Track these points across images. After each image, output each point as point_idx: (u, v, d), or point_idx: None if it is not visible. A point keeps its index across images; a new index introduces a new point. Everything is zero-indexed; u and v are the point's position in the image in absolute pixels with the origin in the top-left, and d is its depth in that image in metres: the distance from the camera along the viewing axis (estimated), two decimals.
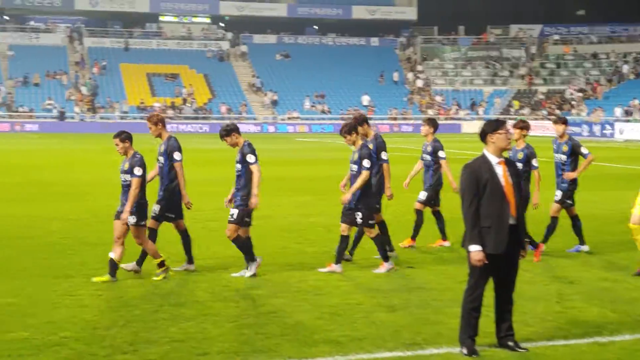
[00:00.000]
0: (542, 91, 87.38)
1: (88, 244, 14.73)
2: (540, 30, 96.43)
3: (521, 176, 9.30)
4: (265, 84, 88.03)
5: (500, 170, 9.01)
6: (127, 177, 12.54)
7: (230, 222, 12.95)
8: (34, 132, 74.17)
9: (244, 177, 13.05)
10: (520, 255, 9.14)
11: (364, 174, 13.18)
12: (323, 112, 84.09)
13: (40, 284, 12.34)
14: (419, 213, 15.92)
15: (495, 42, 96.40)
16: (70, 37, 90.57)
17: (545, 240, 15.08)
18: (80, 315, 10.56)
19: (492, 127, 9.12)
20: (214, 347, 9.20)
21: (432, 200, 15.96)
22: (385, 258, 13.49)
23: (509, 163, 9.15)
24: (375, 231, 13.55)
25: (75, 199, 23.15)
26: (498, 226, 8.86)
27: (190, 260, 13.57)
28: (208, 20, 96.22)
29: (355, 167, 13.38)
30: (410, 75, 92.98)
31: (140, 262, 13.25)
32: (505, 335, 9.15)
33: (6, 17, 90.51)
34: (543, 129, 71.04)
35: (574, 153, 15.25)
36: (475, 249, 8.80)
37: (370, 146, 13.88)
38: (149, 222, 13.15)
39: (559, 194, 15.15)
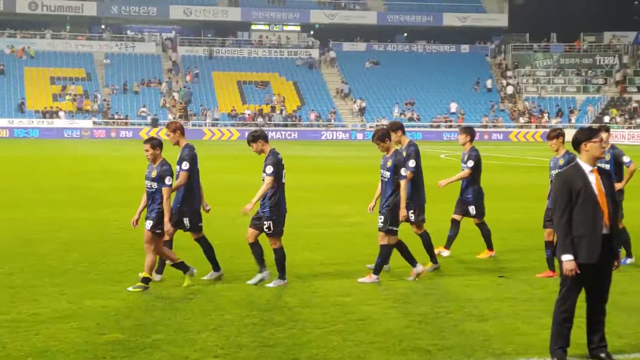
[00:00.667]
0: (636, 99, 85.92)
1: (179, 248, 14.85)
2: (635, 38, 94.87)
3: (614, 186, 9.14)
4: (353, 90, 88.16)
5: (593, 179, 8.87)
6: (154, 184, 12.54)
7: (269, 235, 12.81)
8: (128, 138, 75.44)
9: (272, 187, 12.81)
10: (614, 266, 9.01)
11: (403, 182, 13.06)
12: (412, 119, 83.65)
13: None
14: (481, 225, 15.67)
15: (588, 50, 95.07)
16: (164, 45, 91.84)
17: (629, 254, 14.81)
18: (173, 318, 10.71)
19: (586, 135, 8.99)
20: (302, 352, 9.24)
21: (482, 211, 15.62)
22: (378, 271, 13.24)
23: (602, 172, 9.02)
24: (387, 240, 13.32)
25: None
26: (591, 235, 8.73)
27: (160, 270, 13.44)
28: (298, 29, 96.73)
29: (387, 174, 13.17)
30: (502, 82, 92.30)
31: (216, 268, 13.31)
32: (597, 346, 9.01)
33: (104, 28, 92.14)
34: (630, 137, 70.48)
35: (617, 162, 14.72)
36: (567, 258, 8.68)
37: (404, 154, 13.74)
38: (194, 235, 13.25)
39: None
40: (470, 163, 15.23)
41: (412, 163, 13.85)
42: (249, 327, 10.33)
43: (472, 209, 15.39)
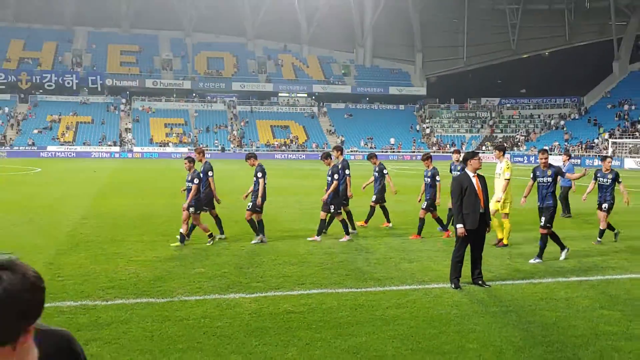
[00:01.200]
0: (500, 136, 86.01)
1: (236, 220, 14.82)
2: (499, 101, 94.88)
3: (486, 184, 9.18)
4: (337, 131, 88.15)
5: (475, 181, 8.95)
6: (189, 184, 12.25)
7: (248, 209, 12.63)
8: (208, 159, 75.33)
9: (256, 185, 12.64)
10: (486, 231, 9.06)
11: (334, 183, 12.85)
12: (371, 147, 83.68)
13: (200, 243, 12.51)
14: (381, 207, 15.30)
15: (472, 108, 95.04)
16: (229, 105, 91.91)
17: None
18: (233, 261, 10.70)
19: (470, 155, 9.12)
20: (307, 280, 9.24)
21: (381, 200, 15.12)
22: (347, 233, 13.03)
23: (480, 177, 9.08)
24: (342, 216, 13.13)
25: (234, 195, 23.38)
26: (473, 213, 8.81)
27: (221, 232, 13.09)
28: (305, 95, 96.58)
29: (329, 179, 13.00)
30: (423, 127, 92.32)
31: (221, 231, 13.05)
32: (476, 277, 9.06)
33: (194, 95, 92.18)
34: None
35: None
36: (460, 226, 8.81)
37: (340, 165, 13.41)
38: (213, 213, 13.07)
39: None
40: (386, 171, 14.86)
41: (347, 171, 13.54)
42: (276, 266, 10.33)
43: (374, 198, 15.07)
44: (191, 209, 12.14)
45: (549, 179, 11.13)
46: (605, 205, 13.15)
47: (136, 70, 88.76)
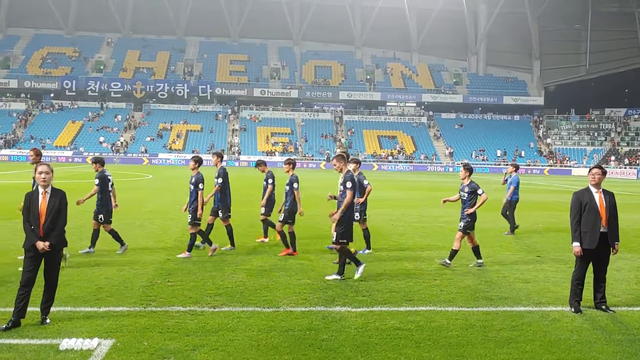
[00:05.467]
0: (625, 150, 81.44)
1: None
2: (626, 112, 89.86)
3: (615, 201, 8.74)
4: (447, 142, 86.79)
5: (597, 197, 8.61)
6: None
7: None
8: (313, 168, 76.57)
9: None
10: (611, 252, 8.63)
11: (200, 192, 11.98)
12: (483, 160, 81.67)
13: (305, 254, 12.61)
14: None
15: (594, 119, 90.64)
16: (335, 114, 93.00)
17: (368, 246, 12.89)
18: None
19: (589, 169, 8.86)
20: (416, 296, 9.15)
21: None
22: (189, 250, 11.86)
23: (606, 193, 8.69)
24: (194, 229, 12.00)
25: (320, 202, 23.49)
26: (592, 231, 8.49)
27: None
28: (414, 104, 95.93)
29: (192, 187, 12.08)
30: (540, 137, 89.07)
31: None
32: (599, 301, 8.64)
33: (301, 104, 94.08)
34: (620, 173, 66.62)
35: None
36: (576, 245, 8.53)
37: (216, 173, 13.00)
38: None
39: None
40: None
41: (220, 180, 12.90)
42: (381, 281, 10.23)
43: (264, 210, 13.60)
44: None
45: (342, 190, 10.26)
46: (460, 224, 11.46)
47: (244, 79, 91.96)
